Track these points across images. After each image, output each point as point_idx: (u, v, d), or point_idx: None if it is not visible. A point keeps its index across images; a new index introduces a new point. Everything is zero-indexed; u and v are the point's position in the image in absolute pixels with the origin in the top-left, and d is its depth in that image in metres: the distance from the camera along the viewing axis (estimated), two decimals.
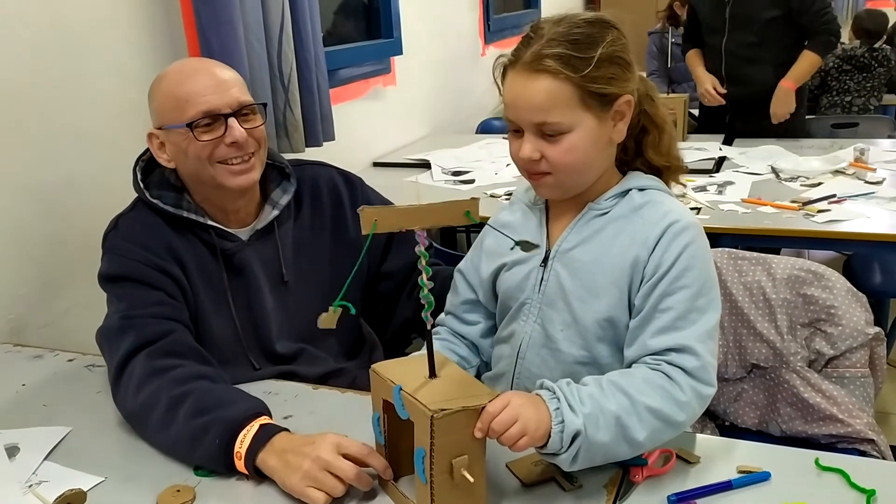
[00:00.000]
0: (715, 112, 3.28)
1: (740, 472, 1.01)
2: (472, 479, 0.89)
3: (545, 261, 1.14)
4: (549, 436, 0.92)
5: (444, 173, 2.71)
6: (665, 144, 1.14)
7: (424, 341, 0.97)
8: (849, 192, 2.19)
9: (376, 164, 2.99)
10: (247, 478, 1.05)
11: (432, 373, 0.95)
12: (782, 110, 3.05)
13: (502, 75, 1.08)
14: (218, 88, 1.28)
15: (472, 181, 2.59)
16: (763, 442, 1.12)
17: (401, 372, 0.97)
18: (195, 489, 1.04)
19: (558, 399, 0.94)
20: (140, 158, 1.38)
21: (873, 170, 2.37)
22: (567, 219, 1.14)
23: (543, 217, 1.17)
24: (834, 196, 2.15)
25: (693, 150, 2.70)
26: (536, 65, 1.01)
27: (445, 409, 0.87)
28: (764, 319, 1.47)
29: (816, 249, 3.14)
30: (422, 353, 1.00)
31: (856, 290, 1.44)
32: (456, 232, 3.08)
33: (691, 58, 3.34)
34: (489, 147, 3.07)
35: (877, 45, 4.16)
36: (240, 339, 1.36)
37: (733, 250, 1.53)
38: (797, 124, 3.15)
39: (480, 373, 1.27)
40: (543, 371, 1.14)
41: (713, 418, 1.53)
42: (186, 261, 1.32)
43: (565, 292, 1.11)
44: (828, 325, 1.43)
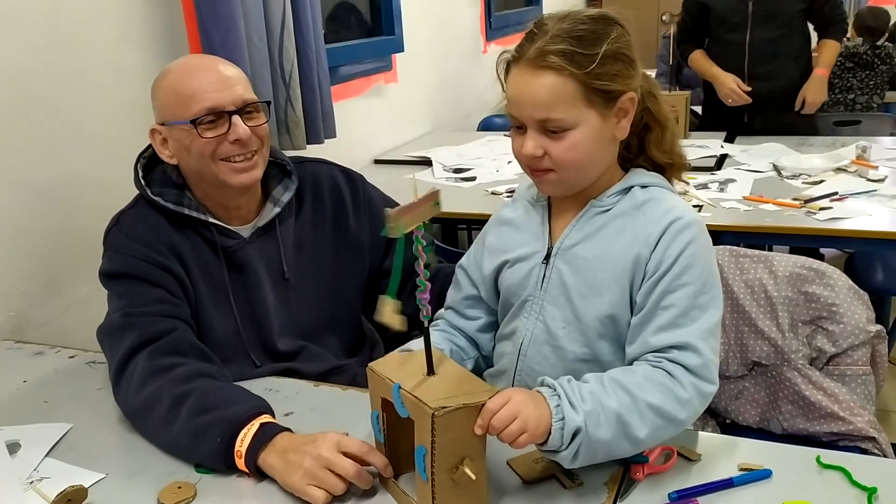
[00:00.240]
0: (731, 112, 3.12)
1: (741, 469, 1.01)
2: (473, 477, 0.89)
3: (547, 258, 1.14)
4: (550, 433, 0.91)
5: (446, 171, 2.71)
6: (668, 142, 1.14)
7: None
8: (851, 189, 2.19)
9: (377, 162, 2.99)
10: (248, 475, 1.06)
11: (430, 370, 0.95)
12: (819, 98, 3.02)
13: (506, 71, 1.08)
14: (222, 85, 1.28)
15: (473, 178, 2.59)
16: (764, 440, 1.12)
17: (399, 370, 0.96)
18: (196, 486, 1.04)
19: (559, 396, 0.94)
20: (141, 155, 1.38)
21: (875, 167, 2.36)
22: (570, 216, 1.14)
23: (546, 214, 1.17)
24: (836, 193, 2.15)
25: (695, 148, 2.70)
26: (540, 61, 1.01)
27: (446, 407, 0.87)
28: (765, 317, 1.46)
29: (817, 247, 3.13)
30: (418, 344, 1.00)
31: (857, 287, 1.43)
32: (457, 229, 3.08)
33: (700, 59, 3.17)
34: (490, 144, 3.06)
35: (879, 43, 4.15)
36: (241, 336, 1.36)
37: (735, 248, 1.53)
38: (816, 119, 3.13)
39: (480, 368, 1.27)
40: (545, 368, 1.13)
41: (714, 416, 1.53)
42: (187, 258, 1.32)
43: (567, 289, 1.11)
44: (829, 322, 1.42)
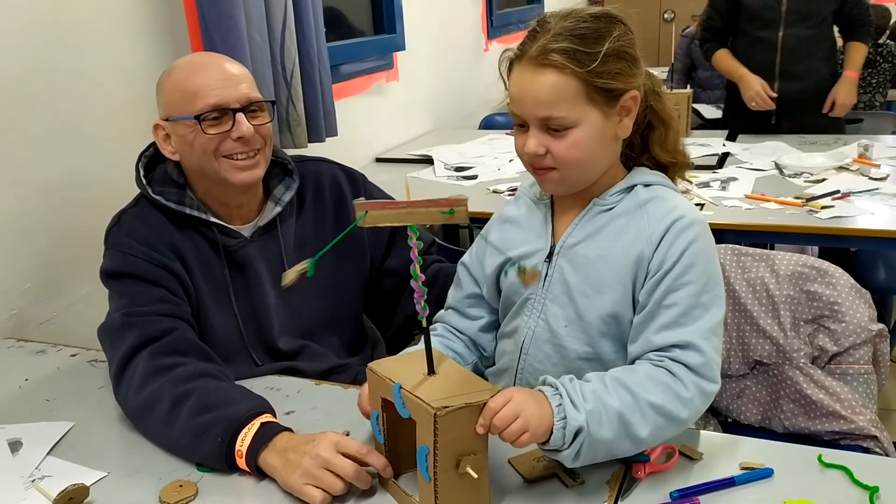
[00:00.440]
0: (758, 113, 3.03)
1: (743, 468, 1.00)
2: (476, 476, 0.89)
3: (550, 256, 1.13)
4: (552, 432, 0.91)
5: (447, 169, 2.71)
6: (671, 140, 1.14)
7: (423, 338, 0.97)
8: (853, 188, 2.18)
9: (379, 160, 2.99)
10: (248, 474, 1.06)
11: (431, 370, 0.95)
12: (850, 100, 2.99)
13: (508, 69, 1.08)
14: (228, 83, 1.29)
15: (474, 177, 2.59)
16: (766, 438, 1.12)
17: (399, 370, 0.96)
18: (197, 485, 1.04)
19: (561, 395, 0.94)
20: (143, 154, 1.38)
21: (877, 166, 2.36)
22: (572, 214, 1.13)
23: (549, 212, 1.17)
24: (838, 192, 2.14)
25: (696, 146, 2.69)
26: (542, 59, 1.01)
27: (448, 407, 0.87)
28: (767, 316, 1.46)
29: (820, 245, 3.12)
30: (418, 349, 1.00)
31: (859, 286, 1.43)
32: (459, 229, 3.08)
33: (725, 58, 3.06)
34: (492, 143, 3.06)
35: (881, 41, 4.14)
36: (242, 335, 1.36)
37: (736, 246, 1.53)
38: (843, 123, 3.10)
39: (479, 371, 1.26)
40: (547, 367, 1.13)
41: (716, 415, 1.53)
42: (188, 257, 1.32)
43: (569, 288, 1.11)
44: (831, 321, 1.42)
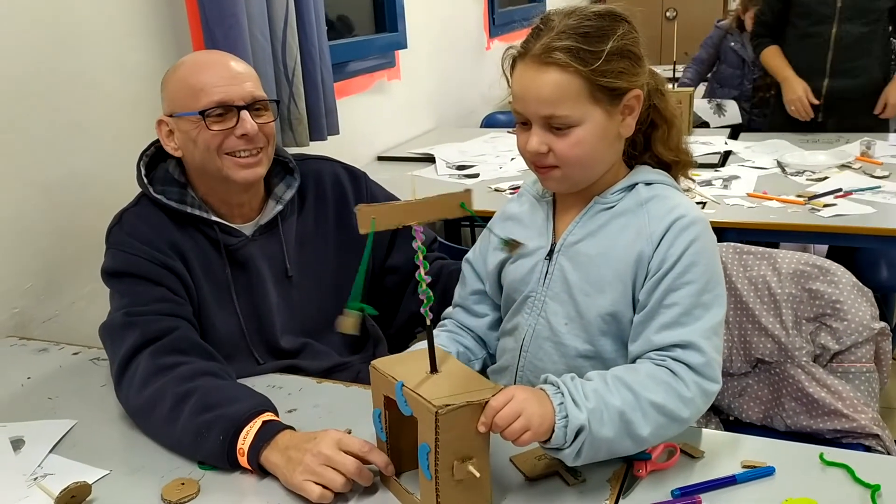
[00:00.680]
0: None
1: (745, 466, 1.00)
2: (477, 474, 0.89)
3: (550, 254, 1.13)
4: (553, 430, 0.91)
5: (449, 167, 2.71)
6: (674, 139, 1.14)
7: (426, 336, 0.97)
8: (855, 186, 2.18)
9: (381, 159, 2.99)
10: (250, 472, 1.06)
11: (433, 368, 0.95)
12: None
13: (511, 67, 1.07)
14: (233, 81, 1.29)
15: (476, 175, 2.59)
16: (767, 437, 1.12)
17: (401, 368, 0.96)
18: (199, 482, 1.04)
19: (562, 394, 0.94)
20: (144, 153, 1.38)
21: (880, 164, 2.36)
22: (574, 212, 1.13)
23: (551, 210, 1.16)
24: (840, 190, 2.14)
25: (698, 145, 2.69)
26: (546, 57, 1.00)
27: (449, 405, 0.87)
28: (769, 314, 1.46)
29: (821, 244, 3.12)
30: (421, 346, 1.00)
31: (861, 284, 1.43)
32: (460, 226, 3.08)
33: (774, 56, 3.01)
34: (494, 141, 3.06)
35: None
36: (243, 334, 1.37)
37: (738, 244, 1.53)
38: (891, 124, 3.04)
39: (487, 366, 1.27)
40: (547, 364, 1.13)
41: (718, 413, 1.53)
42: (189, 256, 1.32)
43: (570, 286, 1.11)
44: (833, 319, 1.42)
